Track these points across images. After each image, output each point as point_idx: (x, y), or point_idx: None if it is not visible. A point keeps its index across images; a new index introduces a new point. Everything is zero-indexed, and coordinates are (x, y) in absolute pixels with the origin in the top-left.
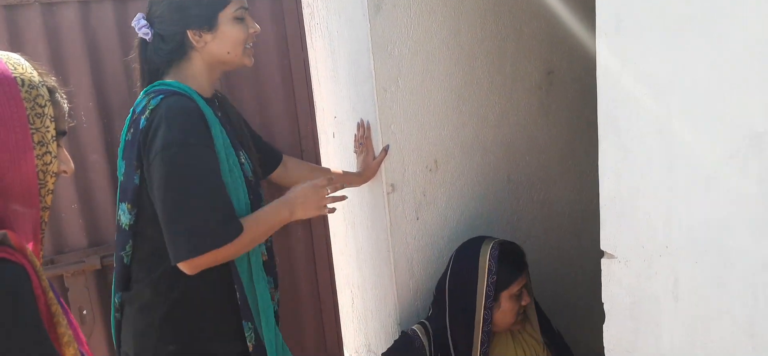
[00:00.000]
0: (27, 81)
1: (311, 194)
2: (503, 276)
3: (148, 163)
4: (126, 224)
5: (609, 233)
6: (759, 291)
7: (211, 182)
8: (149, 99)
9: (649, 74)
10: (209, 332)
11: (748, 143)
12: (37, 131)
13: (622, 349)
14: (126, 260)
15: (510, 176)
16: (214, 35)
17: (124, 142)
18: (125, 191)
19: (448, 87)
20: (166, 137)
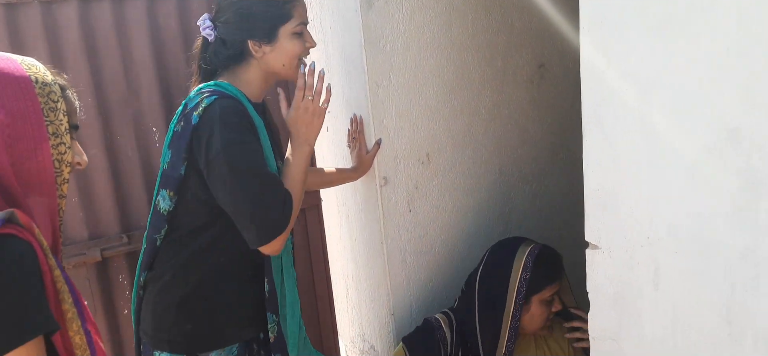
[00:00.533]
0: (40, 79)
1: (303, 115)
2: (537, 279)
3: (206, 160)
4: (164, 210)
5: (593, 224)
6: (736, 280)
7: (268, 172)
8: (203, 97)
9: (632, 71)
10: (224, 316)
11: (725, 137)
12: (52, 124)
13: (606, 337)
14: (158, 243)
15: (501, 169)
16: (272, 47)
17: (172, 133)
18: (169, 179)
19: (440, 81)
20: (224, 137)
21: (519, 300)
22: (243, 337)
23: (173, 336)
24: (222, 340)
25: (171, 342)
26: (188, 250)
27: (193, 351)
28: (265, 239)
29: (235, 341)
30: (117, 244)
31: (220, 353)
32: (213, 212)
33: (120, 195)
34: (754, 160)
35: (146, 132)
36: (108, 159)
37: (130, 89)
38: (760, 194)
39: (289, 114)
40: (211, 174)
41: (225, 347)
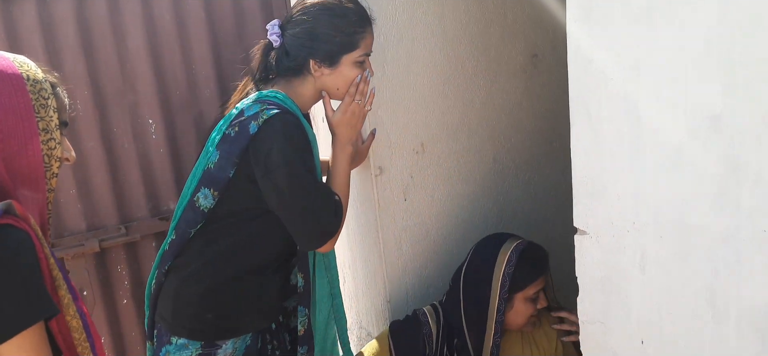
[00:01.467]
0: (31, 77)
1: (350, 118)
2: (520, 276)
3: (265, 172)
4: (205, 208)
5: (581, 210)
6: (719, 263)
7: (322, 186)
8: (263, 108)
9: (617, 60)
10: (245, 307)
11: (708, 123)
12: (42, 120)
13: (594, 320)
14: (191, 235)
15: (495, 157)
16: (332, 71)
17: (222, 134)
18: (214, 179)
19: (434, 72)
20: (286, 154)
21: (503, 294)
22: (257, 327)
23: (193, 323)
24: (239, 330)
25: (190, 329)
26: (221, 244)
27: (211, 339)
28: (319, 244)
29: (250, 331)
30: (115, 235)
31: (236, 342)
32: (251, 212)
33: (117, 187)
34: (735, 145)
35: (143, 124)
36: (105, 151)
37: (126, 82)
38: (740, 178)
39: (336, 116)
40: (270, 185)
41: (241, 336)
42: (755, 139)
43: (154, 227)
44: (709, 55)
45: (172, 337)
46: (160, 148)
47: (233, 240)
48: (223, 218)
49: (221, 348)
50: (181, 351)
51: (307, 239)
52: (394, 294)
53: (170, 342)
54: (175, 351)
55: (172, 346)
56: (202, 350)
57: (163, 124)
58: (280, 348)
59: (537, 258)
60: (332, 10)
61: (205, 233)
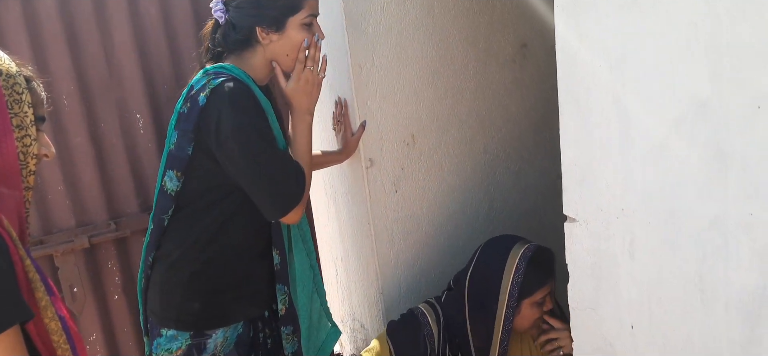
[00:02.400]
0: (4, 71)
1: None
2: (528, 282)
3: (217, 142)
4: (171, 190)
5: (570, 198)
6: (707, 249)
7: (278, 149)
8: (209, 79)
9: (604, 48)
10: (232, 294)
11: (694, 110)
12: (16, 116)
13: (585, 306)
14: (166, 223)
15: (486, 148)
16: (279, 36)
17: (177, 114)
18: (175, 160)
19: (423, 63)
20: (236, 119)
21: (511, 302)
22: (248, 315)
23: (181, 314)
24: (228, 318)
25: (178, 320)
26: (197, 228)
27: (200, 328)
28: (283, 212)
29: (241, 319)
30: (104, 231)
31: (226, 331)
32: (221, 191)
33: (106, 182)
34: (721, 132)
35: (130, 119)
36: (93, 146)
37: (113, 76)
38: (727, 164)
39: (289, 85)
40: (224, 155)
41: (231, 324)
42: (742, 125)
43: (144, 222)
44: (696, 42)
45: (162, 329)
46: (148, 143)
47: (207, 223)
48: (193, 202)
49: (211, 337)
50: (171, 342)
51: (270, 206)
52: (387, 286)
53: (160, 334)
54: (166, 343)
55: (163, 339)
56: (192, 340)
57: (150, 118)
58: (272, 336)
59: (545, 263)
60: None
61: (179, 220)
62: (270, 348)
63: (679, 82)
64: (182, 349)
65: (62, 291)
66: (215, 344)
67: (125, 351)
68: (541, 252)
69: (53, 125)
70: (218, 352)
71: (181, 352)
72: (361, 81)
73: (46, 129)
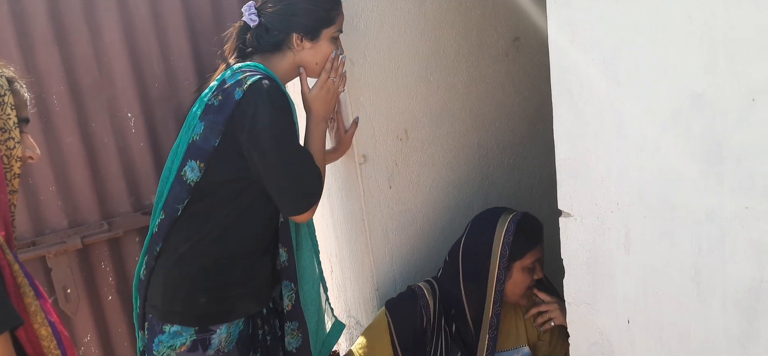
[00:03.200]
0: None
1: (325, 95)
2: (518, 245)
3: (250, 133)
4: (191, 180)
5: (565, 193)
6: (702, 241)
7: (305, 150)
8: (246, 75)
9: (597, 42)
10: (237, 290)
11: (689, 103)
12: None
13: (581, 301)
14: (179, 213)
15: (479, 143)
16: (312, 45)
17: (205, 105)
18: (200, 150)
19: (415, 58)
20: (273, 115)
21: (502, 263)
22: (250, 311)
23: (186, 308)
24: (232, 314)
25: (183, 314)
26: (210, 223)
27: (205, 324)
28: (303, 209)
29: (243, 314)
30: (97, 231)
31: (229, 326)
32: (239, 187)
33: (98, 182)
34: (717, 124)
35: (121, 118)
36: (84, 146)
37: (103, 75)
38: (723, 157)
39: (312, 92)
40: (255, 147)
41: (234, 320)
42: (737, 117)
43: (137, 222)
44: (691, 34)
45: (165, 325)
46: (139, 142)
47: (220, 219)
48: (208, 195)
49: (215, 333)
50: (175, 339)
51: (291, 202)
52: (382, 282)
53: (163, 331)
54: (169, 339)
55: (165, 335)
56: (197, 336)
57: (142, 117)
58: (271, 332)
59: (533, 228)
60: None
61: (191, 214)
62: (269, 345)
63: (673, 75)
64: (186, 345)
65: (56, 292)
66: (219, 339)
67: (120, 351)
68: (530, 219)
69: (43, 125)
70: (222, 348)
71: (185, 348)
72: (353, 76)
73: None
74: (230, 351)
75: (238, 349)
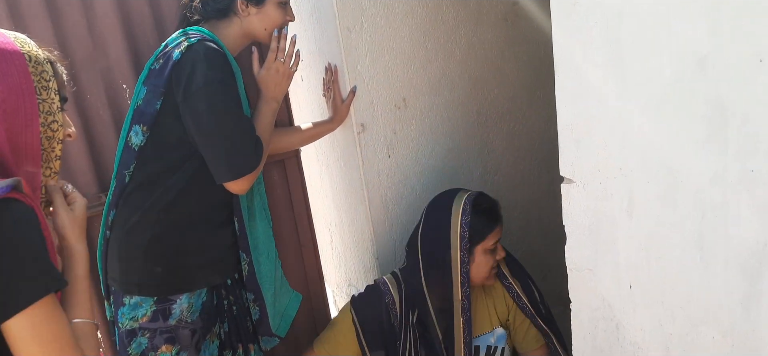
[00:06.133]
0: (33, 57)
1: (274, 75)
2: (478, 228)
3: (185, 94)
4: (136, 145)
5: (567, 158)
6: (706, 206)
7: (243, 114)
8: (186, 37)
9: (599, 3)
10: (194, 259)
11: (693, 65)
12: (44, 102)
13: (583, 267)
14: (127, 180)
15: (479, 110)
16: (258, 10)
17: (148, 70)
18: (142, 114)
19: (413, 24)
20: (208, 75)
21: (464, 245)
22: (211, 281)
23: (142, 278)
24: (192, 284)
25: (140, 285)
26: (157, 192)
27: (163, 294)
28: (234, 175)
29: (204, 285)
30: (95, 204)
31: (191, 297)
32: (184, 152)
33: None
34: (721, 87)
35: (116, 89)
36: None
37: (97, 47)
38: (727, 120)
39: (260, 73)
40: (189, 108)
41: (195, 291)
42: (742, 79)
43: None
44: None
45: (125, 297)
46: None
47: (168, 186)
48: (154, 161)
49: (176, 302)
50: (136, 310)
51: (223, 167)
52: (382, 251)
53: (123, 303)
54: (130, 311)
55: (126, 307)
56: (157, 306)
57: None
58: (238, 303)
59: (491, 208)
60: None
61: (139, 183)
62: (236, 314)
63: (677, 37)
64: (148, 316)
65: None
66: (180, 309)
67: None
68: (486, 199)
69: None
70: (184, 318)
71: (146, 319)
72: (350, 44)
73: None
74: (194, 320)
75: (201, 319)
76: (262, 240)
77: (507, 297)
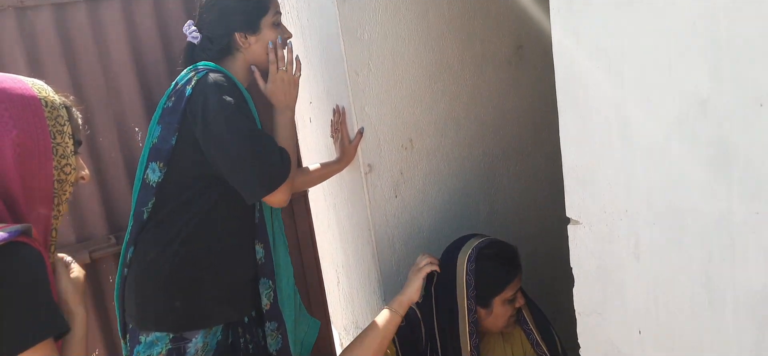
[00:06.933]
0: (49, 102)
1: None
2: (496, 279)
3: (203, 123)
4: (154, 182)
5: (573, 200)
6: (713, 247)
7: (262, 131)
8: (195, 73)
9: (601, 48)
10: (211, 295)
11: (695, 109)
12: (59, 145)
13: (591, 311)
14: (145, 216)
15: (485, 150)
16: (257, 38)
17: (161, 109)
18: (159, 152)
19: (419, 67)
20: (222, 101)
21: (470, 293)
22: (228, 318)
23: (159, 312)
24: (209, 319)
25: (158, 321)
26: (176, 226)
27: (180, 328)
28: (269, 188)
29: (221, 321)
30: (105, 245)
31: (206, 335)
32: (202, 185)
33: (105, 197)
34: (723, 129)
35: (129, 132)
36: (92, 161)
37: (111, 90)
38: (731, 161)
39: (267, 87)
40: (210, 136)
41: (211, 327)
42: (743, 122)
43: None
44: (694, 38)
45: (141, 335)
46: None
47: (186, 219)
48: (173, 197)
49: (191, 341)
50: (151, 348)
51: (255, 183)
52: (389, 293)
53: (139, 341)
54: (145, 350)
55: (142, 346)
56: (172, 344)
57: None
58: (254, 341)
59: (509, 258)
60: None
61: (159, 220)
62: (252, 353)
63: (678, 80)
64: (163, 354)
65: None
66: (195, 349)
67: None
68: (504, 248)
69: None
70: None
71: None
72: (357, 87)
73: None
74: None
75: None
76: (282, 266)
77: (525, 342)
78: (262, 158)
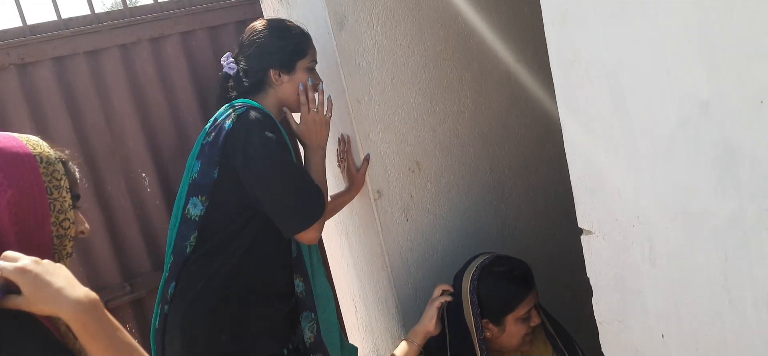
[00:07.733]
0: (45, 158)
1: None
2: (507, 297)
3: (244, 157)
4: (195, 216)
5: (584, 210)
6: (728, 247)
7: (301, 167)
8: (235, 109)
9: (599, 58)
10: (256, 328)
11: (697, 110)
12: (56, 201)
13: (612, 319)
14: (188, 250)
15: (492, 167)
16: (290, 78)
17: (200, 145)
18: (199, 186)
19: (420, 90)
20: (263, 136)
21: (476, 312)
22: (270, 350)
23: (207, 347)
24: (254, 351)
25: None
26: (221, 258)
27: None
28: (305, 225)
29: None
30: (120, 294)
31: None
32: (245, 217)
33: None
34: (726, 129)
35: (136, 178)
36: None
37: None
38: (737, 160)
39: (300, 127)
40: (251, 170)
41: None
42: (746, 120)
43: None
44: (689, 42)
45: None
46: (155, 200)
47: (229, 254)
48: (215, 233)
49: None
50: None
51: (293, 220)
52: (409, 318)
53: None
54: None
55: None
56: None
57: (156, 175)
58: None
59: (520, 276)
60: (278, 28)
61: (202, 254)
62: None
63: (677, 84)
64: None
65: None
66: None
67: None
68: (511, 264)
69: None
70: None
71: None
72: (360, 115)
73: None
74: None
75: None
76: (322, 296)
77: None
78: (301, 195)
